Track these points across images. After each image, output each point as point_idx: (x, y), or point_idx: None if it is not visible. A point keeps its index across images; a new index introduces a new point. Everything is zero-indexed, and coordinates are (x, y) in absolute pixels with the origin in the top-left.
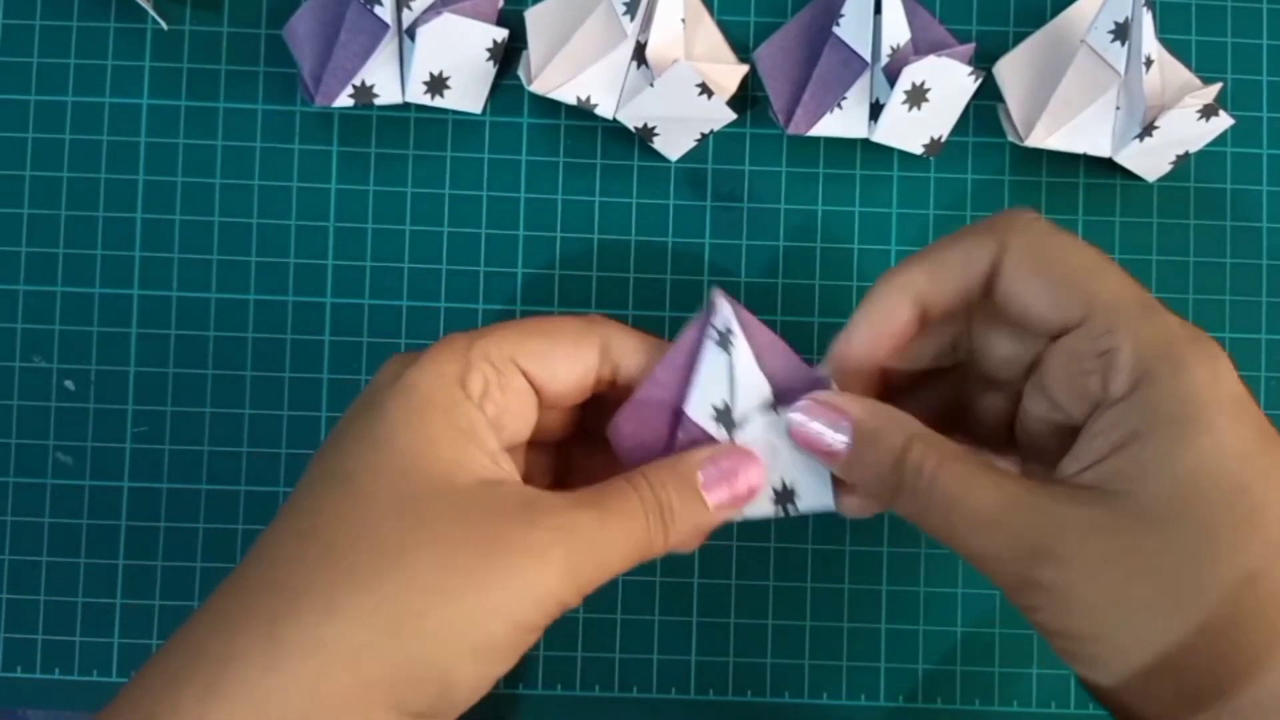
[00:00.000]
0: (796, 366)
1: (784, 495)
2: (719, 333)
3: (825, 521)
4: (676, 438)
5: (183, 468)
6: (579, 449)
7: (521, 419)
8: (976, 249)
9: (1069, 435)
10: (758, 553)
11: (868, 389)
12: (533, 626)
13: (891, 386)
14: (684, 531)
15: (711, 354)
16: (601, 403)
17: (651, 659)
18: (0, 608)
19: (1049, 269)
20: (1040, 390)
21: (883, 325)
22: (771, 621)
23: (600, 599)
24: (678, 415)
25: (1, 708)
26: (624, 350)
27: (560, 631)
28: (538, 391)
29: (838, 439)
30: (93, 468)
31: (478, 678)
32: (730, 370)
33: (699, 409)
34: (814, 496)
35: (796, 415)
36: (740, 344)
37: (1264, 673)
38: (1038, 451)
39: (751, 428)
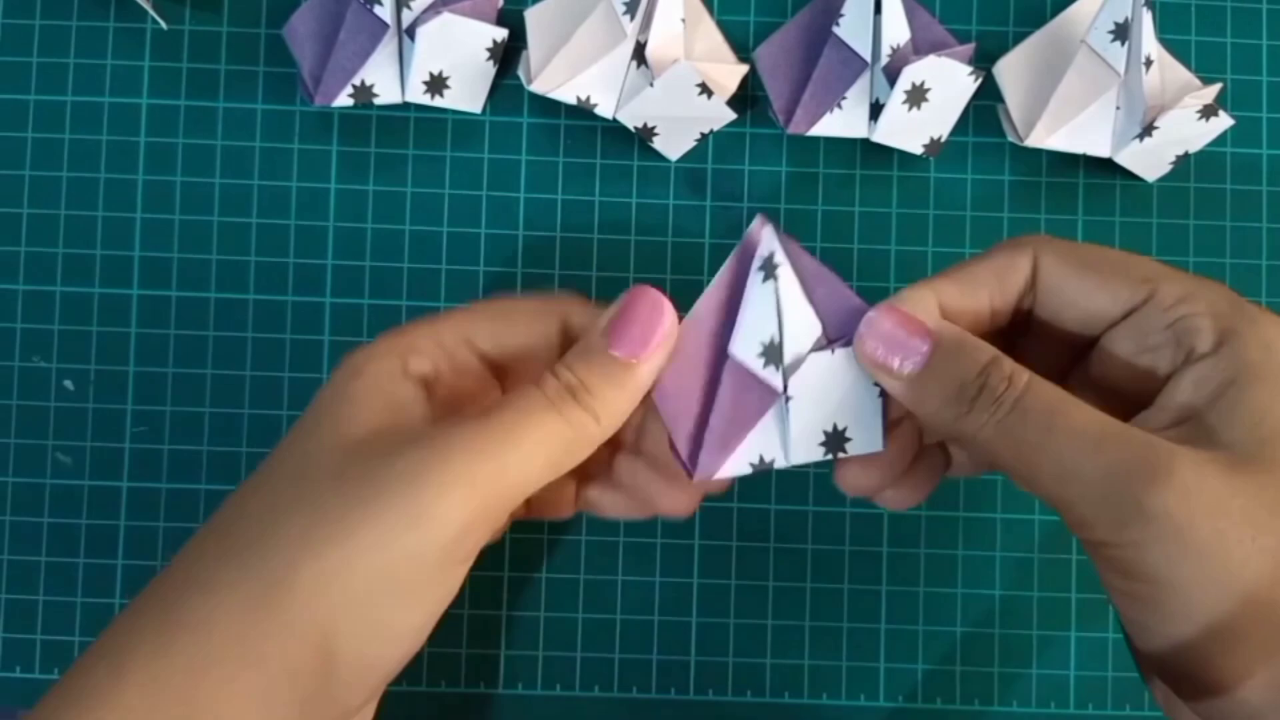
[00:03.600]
0: (846, 299)
1: (834, 439)
2: (764, 261)
3: (826, 521)
4: (721, 383)
5: (182, 468)
6: None
7: (481, 394)
8: (1010, 261)
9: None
10: (757, 552)
11: None
12: (432, 561)
13: None
14: (614, 403)
15: (756, 287)
16: None
17: (651, 659)
18: (0, 608)
19: (1095, 265)
20: (1096, 377)
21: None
22: (771, 621)
23: (600, 599)
24: (722, 359)
25: (2, 707)
26: (583, 321)
27: (560, 632)
28: (501, 368)
29: (917, 348)
30: (92, 468)
31: (367, 635)
32: (777, 303)
33: (745, 347)
34: (865, 441)
35: (868, 329)
36: (786, 274)
37: None
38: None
39: (804, 368)
